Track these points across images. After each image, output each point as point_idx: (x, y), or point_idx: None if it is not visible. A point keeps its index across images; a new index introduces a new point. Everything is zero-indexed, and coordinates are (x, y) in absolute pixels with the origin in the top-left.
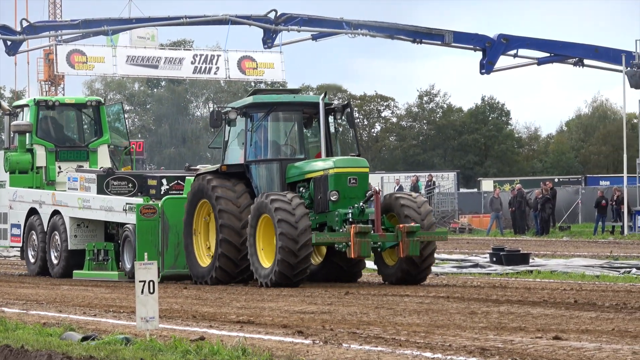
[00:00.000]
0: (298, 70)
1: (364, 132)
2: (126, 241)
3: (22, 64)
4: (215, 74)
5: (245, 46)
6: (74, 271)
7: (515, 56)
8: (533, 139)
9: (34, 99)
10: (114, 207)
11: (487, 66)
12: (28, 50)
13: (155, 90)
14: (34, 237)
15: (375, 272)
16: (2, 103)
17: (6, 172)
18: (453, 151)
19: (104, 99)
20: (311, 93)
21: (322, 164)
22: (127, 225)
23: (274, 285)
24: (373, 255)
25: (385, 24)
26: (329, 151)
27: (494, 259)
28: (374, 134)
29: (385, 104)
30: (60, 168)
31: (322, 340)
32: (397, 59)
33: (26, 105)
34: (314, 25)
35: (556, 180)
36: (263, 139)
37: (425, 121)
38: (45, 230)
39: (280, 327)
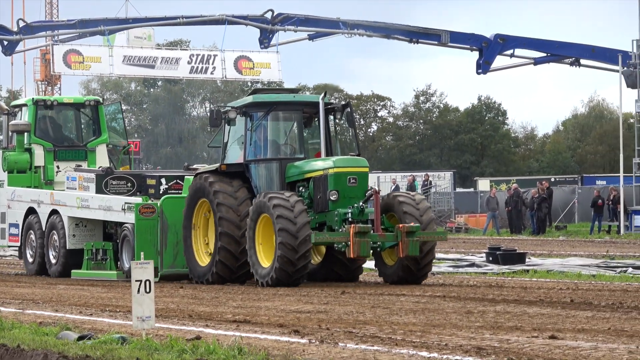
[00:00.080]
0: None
1: (360, 132)
2: (125, 241)
3: (19, 64)
4: (212, 73)
5: (242, 46)
6: (73, 271)
7: (512, 56)
8: (529, 138)
9: (33, 98)
10: (112, 207)
11: (483, 66)
12: (25, 50)
13: (151, 90)
14: (32, 236)
15: (375, 272)
16: (0, 103)
17: (4, 171)
18: (449, 151)
19: (102, 99)
20: (307, 93)
21: (321, 164)
22: (126, 225)
23: (273, 284)
24: (373, 257)
25: (381, 23)
26: (328, 151)
27: (490, 258)
28: (371, 134)
29: (381, 103)
30: (58, 167)
31: (318, 340)
32: (394, 58)
33: (24, 105)
34: (310, 25)
35: (552, 179)
36: (263, 138)
37: (421, 121)
38: (44, 230)
39: (276, 327)
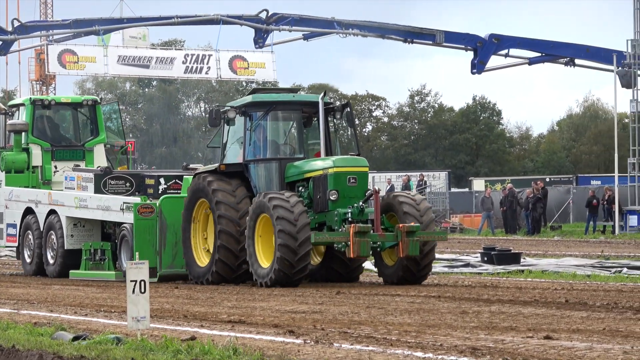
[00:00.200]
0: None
1: None
2: (123, 241)
3: (14, 64)
4: (207, 73)
5: (237, 46)
6: (71, 271)
7: (507, 56)
8: (524, 138)
9: (30, 98)
10: (111, 207)
11: (478, 66)
12: (19, 50)
13: (146, 90)
14: (30, 236)
15: (372, 272)
16: None
17: (2, 171)
18: (444, 151)
19: (99, 99)
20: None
21: (321, 164)
22: (125, 225)
23: (273, 285)
24: (373, 258)
25: (376, 23)
26: (328, 150)
27: (485, 258)
28: (366, 134)
29: (376, 103)
30: (56, 167)
31: (313, 340)
32: (389, 58)
33: (22, 105)
34: (305, 25)
35: (547, 179)
36: (262, 138)
37: (416, 121)
38: (42, 230)
39: (271, 327)
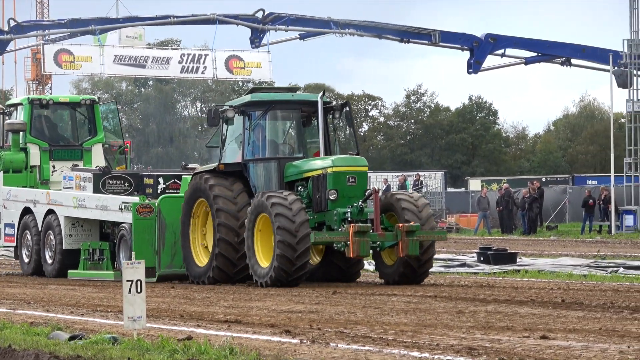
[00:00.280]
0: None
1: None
2: (122, 240)
3: (10, 64)
4: (203, 73)
5: (233, 45)
6: (69, 271)
7: (503, 56)
8: (520, 138)
9: (28, 97)
10: (109, 206)
11: (474, 66)
12: (15, 49)
13: (142, 89)
14: (28, 236)
15: (370, 272)
16: None
17: (0, 171)
18: (440, 150)
19: (98, 98)
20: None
21: (320, 163)
22: (124, 225)
23: (272, 284)
24: (373, 260)
25: (372, 23)
26: (327, 150)
27: (482, 258)
28: (362, 134)
29: (372, 103)
30: (54, 167)
31: (309, 340)
32: (385, 58)
33: (20, 104)
34: (301, 24)
35: (543, 179)
36: (261, 137)
37: (412, 121)
38: (40, 230)
39: (267, 327)
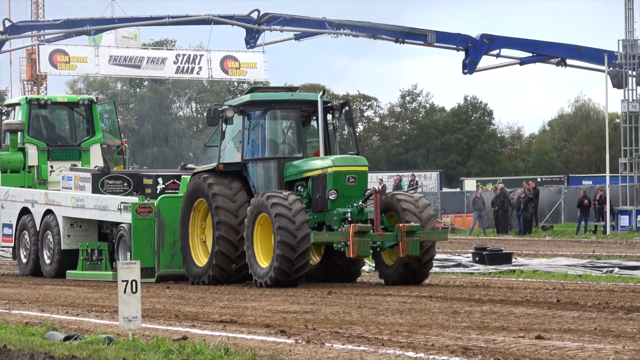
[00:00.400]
0: (281, 70)
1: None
2: (121, 241)
3: (5, 64)
4: (198, 73)
5: (228, 46)
6: (68, 271)
7: (498, 56)
8: (516, 138)
9: (26, 97)
10: (108, 207)
11: (469, 66)
12: (10, 50)
13: (137, 90)
14: (26, 237)
15: (367, 273)
16: None
17: None
18: (436, 151)
19: (96, 98)
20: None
21: (320, 163)
22: (122, 225)
23: (272, 284)
24: (373, 261)
25: (367, 23)
26: (327, 150)
27: (477, 258)
28: (357, 134)
29: (368, 103)
30: (52, 167)
31: (304, 340)
32: (380, 59)
33: (18, 104)
34: (296, 25)
35: (539, 179)
36: (260, 137)
37: (408, 121)
38: (38, 230)
39: (262, 327)
